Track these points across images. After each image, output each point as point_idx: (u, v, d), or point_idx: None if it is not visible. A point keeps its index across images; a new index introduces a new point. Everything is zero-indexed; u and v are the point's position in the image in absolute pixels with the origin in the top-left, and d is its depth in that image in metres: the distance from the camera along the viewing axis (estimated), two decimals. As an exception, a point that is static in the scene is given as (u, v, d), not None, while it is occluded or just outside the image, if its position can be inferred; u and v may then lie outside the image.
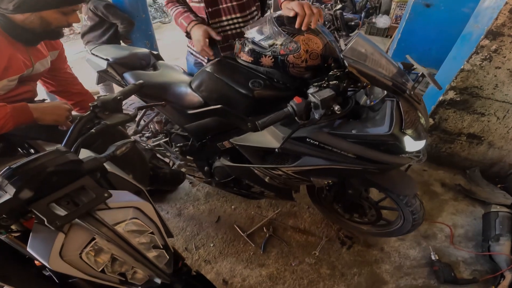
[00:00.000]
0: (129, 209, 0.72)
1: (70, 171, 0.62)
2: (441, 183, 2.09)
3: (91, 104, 0.76)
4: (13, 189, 0.54)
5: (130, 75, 1.46)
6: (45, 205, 0.58)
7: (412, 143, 1.02)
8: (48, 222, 0.56)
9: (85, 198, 0.62)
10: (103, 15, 2.35)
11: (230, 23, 1.41)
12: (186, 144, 1.52)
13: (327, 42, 1.08)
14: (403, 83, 1.01)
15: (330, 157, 1.08)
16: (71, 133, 0.70)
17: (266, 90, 1.12)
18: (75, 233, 0.62)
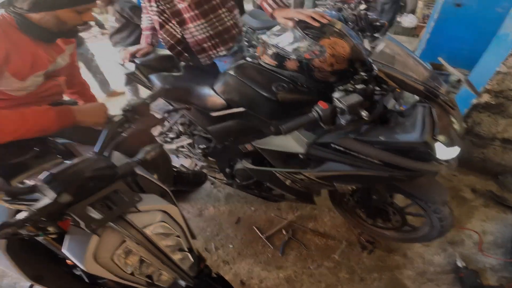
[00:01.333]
0: (157, 212, 0.74)
1: (105, 176, 0.65)
2: (472, 189, 1.99)
3: (122, 109, 0.78)
4: (53, 194, 0.57)
5: (156, 77, 1.49)
6: (82, 209, 0.61)
7: (444, 150, 0.96)
8: (85, 226, 0.59)
9: (118, 201, 0.65)
10: (128, 17, 2.43)
11: (198, 29, 1.50)
12: (208, 146, 1.54)
13: (354, 45, 1.04)
14: (436, 88, 0.96)
15: (356, 163, 1.05)
16: (106, 137, 0.72)
17: (289, 93, 1.11)
18: (107, 236, 0.65)
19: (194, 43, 1.55)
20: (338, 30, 1.04)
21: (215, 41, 1.54)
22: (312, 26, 1.05)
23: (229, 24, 1.55)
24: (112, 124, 0.75)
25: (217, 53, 1.58)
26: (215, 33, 1.51)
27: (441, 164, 1.04)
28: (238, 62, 1.29)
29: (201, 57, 1.59)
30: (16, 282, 1.64)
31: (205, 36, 1.51)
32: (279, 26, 1.13)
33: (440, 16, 3.02)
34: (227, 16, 1.53)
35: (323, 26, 1.05)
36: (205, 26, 1.49)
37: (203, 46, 1.55)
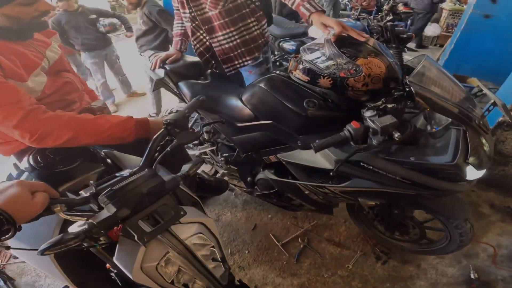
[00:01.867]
0: (196, 225, 0.78)
1: (156, 192, 0.68)
2: (490, 205, 1.97)
3: (164, 122, 0.81)
4: (113, 208, 0.61)
5: (185, 84, 1.52)
6: (136, 223, 0.64)
7: (473, 172, 0.97)
8: (138, 238, 0.63)
9: (165, 215, 0.68)
10: (156, 21, 2.46)
11: (226, 37, 1.50)
12: (231, 155, 1.56)
13: (389, 64, 1.03)
14: (471, 110, 0.96)
15: (383, 181, 1.05)
16: (149, 150, 0.75)
17: (320, 110, 1.11)
18: (153, 247, 0.68)
19: (220, 52, 1.55)
20: (374, 48, 1.03)
21: (241, 50, 1.55)
22: (348, 44, 1.05)
23: (256, 34, 1.55)
24: (156, 137, 0.78)
25: (243, 63, 1.59)
26: (241, 42, 1.52)
27: (467, 184, 1.04)
28: (268, 75, 1.29)
29: (226, 66, 1.60)
30: (36, 280, 1.69)
31: (232, 45, 1.52)
32: (313, 41, 1.12)
33: (466, 26, 2.94)
34: (255, 25, 1.53)
35: (359, 44, 1.04)
36: (233, 35, 1.49)
37: (229, 55, 1.56)
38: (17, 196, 0.53)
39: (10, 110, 0.78)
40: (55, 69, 1.05)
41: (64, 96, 1.07)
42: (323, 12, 1.19)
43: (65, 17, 2.96)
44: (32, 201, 0.55)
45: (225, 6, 1.40)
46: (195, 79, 1.59)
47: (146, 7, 2.47)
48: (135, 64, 3.11)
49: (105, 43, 3.27)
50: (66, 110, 1.04)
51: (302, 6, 1.22)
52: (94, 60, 3.26)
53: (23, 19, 0.90)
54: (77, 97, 1.14)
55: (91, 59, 3.24)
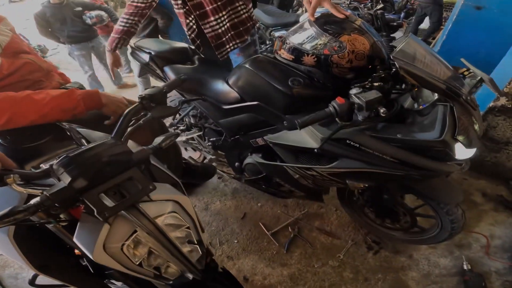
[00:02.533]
0: (169, 203, 0.72)
1: (120, 162, 0.63)
2: (482, 193, 1.96)
3: (139, 96, 0.77)
4: (68, 178, 0.55)
5: (170, 69, 1.49)
6: (96, 195, 0.58)
7: (463, 150, 0.94)
8: (98, 213, 0.57)
9: (132, 189, 0.63)
10: None
11: (218, 22, 1.47)
12: (219, 139, 1.53)
13: (374, 42, 1.02)
14: (458, 87, 0.94)
15: (371, 161, 1.03)
16: (121, 123, 0.71)
17: (305, 89, 1.10)
18: (118, 225, 0.62)
19: (213, 37, 1.51)
20: (359, 27, 1.02)
21: (231, 34, 1.53)
22: (332, 22, 1.04)
23: (244, 17, 1.53)
24: (129, 110, 0.74)
25: (233, 47, 1.57)
26: (231, 25, 1.51)
27: (457, 165, 1.02)
28: (254, 56, 1.28)
29: (219, 52, 1.55)
30: (18, 272, 1.65)
31: (224, 29, 1.49)
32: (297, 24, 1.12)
33: (458, 18, 2.95)
34: (244, 9, 1.52)
35: (344, 22, 1.03)
36: (224, 19, 1.47)
37: (222, 40, 1.53)
38: None
39: None
40: (11, 50, 1.04)
41: (26, 76, 1.05)
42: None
43: (50, 10, 2.92)
44: None
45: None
46: (181, 64, 1.55)
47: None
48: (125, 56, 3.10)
49: (91, 35, 3.24)
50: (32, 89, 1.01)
51: None
52: (81, 52, 3.23)
53: None
54: (42, 77, 1.11)
55: (78, 51, 3.22)
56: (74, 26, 3.03)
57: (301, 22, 1.13)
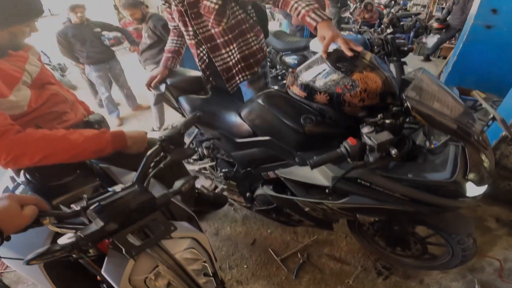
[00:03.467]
0: (187, 240, 0.79)
1: (146, 207, 0.70)
2: (496, 219, 1.93)
3: (158, 138, 0.81)
4: (101, 223, 0.62)
5: (185, 99, 1.53)
6: (124, 236, 0.66)
7: (474, 188, 0.94)
8: (126, 252, 0.64)
9: (155, 230, 0.70)
10: (160, 35, 2.50)
11: (229, 54, 1.49)
12: (231, 170, 1.55)
13: (386, 78, 1.02)
14: (470, 126, 0.95)
15: (381, 198, 1.04)
16: (143, 166, 0.76)
17: (317, 127, 1.10)
18: (142, 260, 0.69)
19: (224, 70, 1.54)
20: (370, 63, 1.02)
21: (241, 66, 1.54)
22: (345, 59, 1.04)
23: (255, 48, 1.54)
24: (150, 154, 0.79)
25: (243, 78, 1.58)
26: (241, 57, 1.52)
27: (467, 200, 1.01)
28: (266, 90, 1.29)
29: (229, 84, 1.58)
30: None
31: (234, 61, 1.51)
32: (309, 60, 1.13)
33: (468, 37, 2.92)
34: (254, 40, 1.53)
35: (356, 59, 1.04)
36: (235, 51, 1.49)
37: (232, 72, 1.55)
38: (6, 209, 0.57)
39: None
40: (39, 82, 1.07)
41: (52, 108, 1.07)
42: (328, 21, 1.14)
43: (72, 30, 2.99)
44: (20, 214, 0.58)
45: (228, 23, 1.40)
46: (195, 93, 1.59)
47: (151, 21, 2.51)
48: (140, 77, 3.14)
49: (109, 56, 3.30)
50: (58, 121, 1.06)
51: (307, 16, 1.17)
52: (99, 73, 3.28)
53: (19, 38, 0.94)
54: (68, 108, 1.14)
55: (96, 72, 3.27)
56: (93, 47, 3.09)
57: (314, 57, 1.13)
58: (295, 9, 1.22)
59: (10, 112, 0.91)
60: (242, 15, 1.45)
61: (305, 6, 1.19)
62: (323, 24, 1.13)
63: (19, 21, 0.90)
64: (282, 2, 1.29)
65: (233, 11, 1.40)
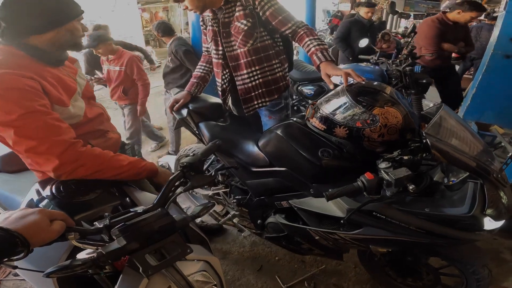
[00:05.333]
0: (201, 262, 0.81)
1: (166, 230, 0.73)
2: (511, 251, 1.88)
3: (180, 164, 0.85)
4: (123, 241, 0.65)
5: (205, 125, 1.55)
6: (143, 256, 0.68)
7: (491, 223, 0.94)
8: (143, 270, 0.66)
9: (172, 251, 0.72)
10: (181, 60, 2.53)
11: (250, 76, 1.53)
12: (244, 198, 1.55)
13: (406, 114, 1.02)
14: (489, 164, 0.95)
15: (396, 230, 1.03)
16: (165, 190, 0.79)
17: (334, 160, 1.10)
18: (156, 280, 0.71)
19: (242, 91, 1.57)
20: (391, 97, 1.03)
21: (262, 91, 1.56)
22: (366, 93, 1.05)
23: (278, 76, 1.57)
24: (172, 178, 0.82)
25: (261, 104, 1.59)
26: (263, 82, 1.55)
27: (484, 234, 1.00)
28: (285, 121, 1.31)
29: (246, 106, 1.61)
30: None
31: (254, 84, 1.54)
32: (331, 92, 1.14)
33: (487, 68, 2.76)
34: (279, 67, 1.56)
35: (377, 93, 1.05)
36: (257, 74, 1.52)
37: (250, 94, 1.57)
38: (36, 223, 0.58)
39: (54, 142, 0.83)
40: (86, 95, 1.10)
41: (100, 126, 1.12)
42: (332, 62, 1.24)
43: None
44: (49, 228, 0.60)
45: (253, 45, 1.46)
46: (215, 120, 1.62)
47: (174, 45, 2.54)
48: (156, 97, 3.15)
49: None
50: (104, 139, 1.11)
51: (315, 54, 1.28)
52: None
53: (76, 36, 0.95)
54: (109, 127, 1.18)
55: None
56: None
57: (335, 90, 1.15)
58: (307, 46, 1.34)
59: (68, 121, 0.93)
60: (269, 41, 1.50)
61: (316, 45, 1.31)
62: (327, 63, 1.24)
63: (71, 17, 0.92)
64: (298, 36, 1.40)
65: (261, 35, 1.47)
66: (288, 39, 1.57)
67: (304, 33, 1.38)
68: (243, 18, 1.42)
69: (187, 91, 1.68)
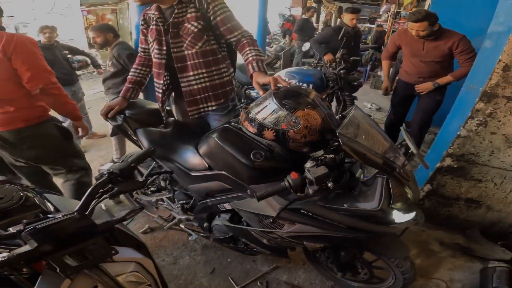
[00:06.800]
0: (131, 263, 0.83)
1: (85, 232, 0.73)
2: (439, 242, 2.08)
3: (107, 171, 0.83)
4: (34, 244, 0.64)
5: (142, 132, 1.54)
6: (60, 258, 0.68)
7: (400, 215, 1.07)
8: (60, 271, 0.67)
9: (95, 253, 0.73)
10: (124, 64, 2.43)
11: (196, 78, 1.51)
12: (188, 202, 1.57)
13: (325, 116, 1.11)
14: (394, 160, 1.07)
15: (323, 226, 1.13)
16: (87, 196, 0.77)
17: (266, 162, 1.17)
18: (80, 281, 0.72)
19: (188, 93, 1.54)
20: (311, 101, 1.11)
21: (208, 94, 1.55)
22: (290, 96, 1.11)
23: (225, 80, 1.58)
24: (96, 184, 0.80)
25: (207, 108, 1.59)
26: (211, 86, 1.54)
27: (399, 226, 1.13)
28: (221, 125, 1.35)
29: (190, 109, 1.58)
30: None
31: (200, 86, 1.53)
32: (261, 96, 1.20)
33: None
34: (226, 72, 1.58)
35: (300, 96, 1.12)
36: (204, 77, 1.51)
37: (196, 97, 1.55)
38: None
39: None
40: None
41: None
42: (262, 73, 1.32)
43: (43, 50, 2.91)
44: None
45: (202, 48, 1.46)
46: (154, 126, 1.60)
47: (116, 49, 2.45)
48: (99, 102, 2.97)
49: (74, 79, 3.23)
50: None
51: (250, 63, 1.36)
52: None
53: None
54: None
55: None
56: (62, 68, 3.02)
57: (264, 95, 1.20)
58: (246, 54, 1.40)
59: None
60: (215, 45, 1.51)
61: (254, 55, 1.37)
62: (259, 73, 1.32)
63: None
64: (241, 45, 1.45)
65: (209, 39, 1.47)
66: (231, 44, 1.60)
67: (246, 42, 1.43)
68: (194, 20, 1.42)
69: (122, 96, 1.65)
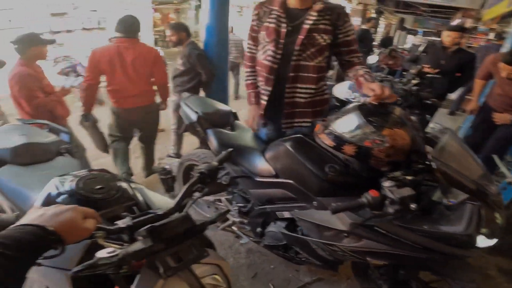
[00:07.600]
0: (212, 265, 0.84)
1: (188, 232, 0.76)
2: (498, 268, 2.00)
3: (197, 170, 0.87)
4: (150, 242, 0.66)
5: (213, 132, 1.57)
6: (165, 257, 0.70)
7: (484, 240, 1.01)
8: (163, 271, 0.68)
9: (190, 254, 0.74)
10: (193, 64, 2.54)
11: (304, 92, 1.47)
12: (245, 205, 1.57)
13: (414, 136, 1.06)
14: (487, 187, 1.02)
15: (395, 245, 1.08)
16: (182, 195, 0.81)
17: (340, 176, 1.14)
18: (171, 282, 0.73)
19: (289, 104, 1.49)
20: (401, 119, 1.07)
21: (307, 110, 1.50)
22: (376, 113, 1.08)
23: (325, 97, 1.55)
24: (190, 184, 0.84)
25: (302, 123, 1.53)
26: (312, 101, 1.50)
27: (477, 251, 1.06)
28: (294, 135, 1.32)
29: (285, 122, 1.53)
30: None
31: (305, 101, 1.48)
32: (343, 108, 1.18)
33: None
34: (326, 89, 1.56)
35: (387, 114, 1.08)
36: (311, 92, 1.48)
37: (295, 110, 1.50)
38: (72, 220, 0.58)
39: None
40: None
41: None
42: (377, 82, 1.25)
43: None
44: (82, 226, 0.60)
45: (320, 63, 1.43)
46: (222, 128, 1.64)
47: (188, 49, 2.55)
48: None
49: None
50: None
51: (362, 77, 1.31)
52: None
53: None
54: None
55: None
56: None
57: (347, 108, 1.17)
58: (356, 70, 1.37)
59: None
60: (328, 63, 1.49)
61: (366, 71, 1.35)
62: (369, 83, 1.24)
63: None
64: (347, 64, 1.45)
65: (328, 56, 1.46)
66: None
67: (359, 62, 1.42)
68: (324, 33, 1.38)
69: (255, 103, 1.58)
